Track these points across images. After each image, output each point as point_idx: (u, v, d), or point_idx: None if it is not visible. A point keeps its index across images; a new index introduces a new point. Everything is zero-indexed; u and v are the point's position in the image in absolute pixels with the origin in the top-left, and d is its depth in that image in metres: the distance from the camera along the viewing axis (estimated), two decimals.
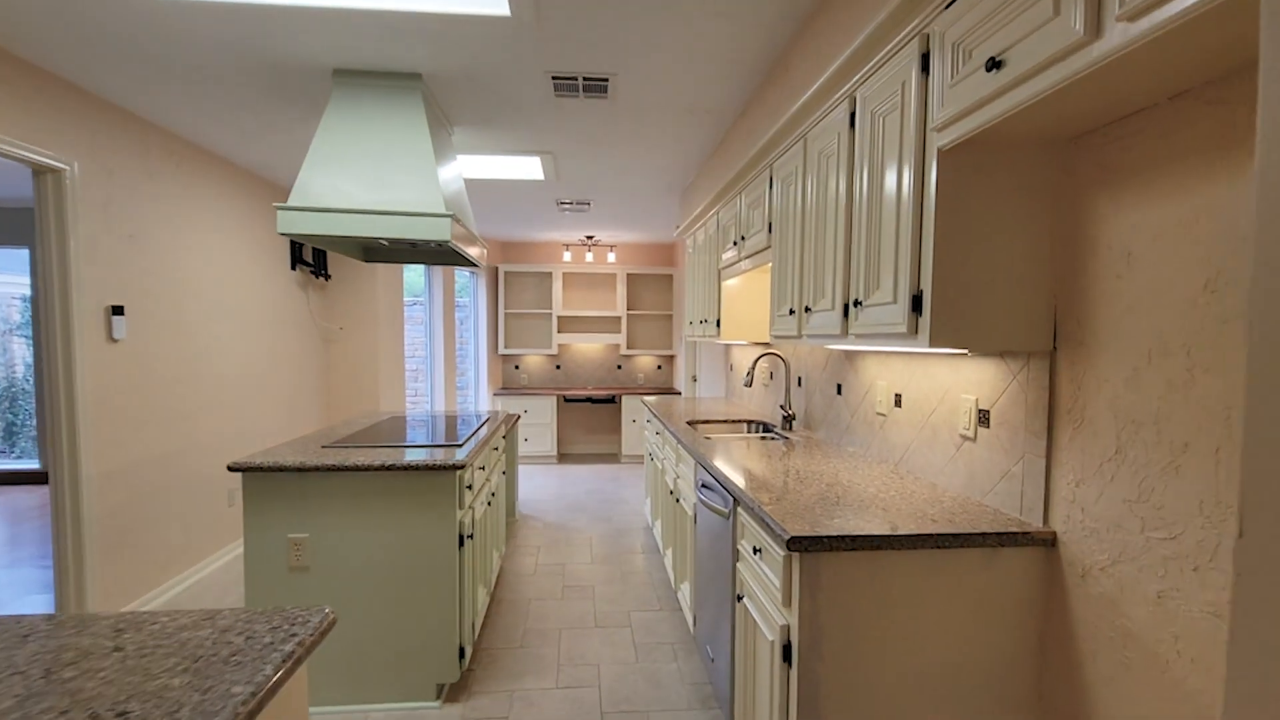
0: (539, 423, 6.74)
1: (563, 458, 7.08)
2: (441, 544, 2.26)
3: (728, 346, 4.68)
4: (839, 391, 2.64)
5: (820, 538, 1.42)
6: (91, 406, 2.74)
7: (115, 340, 2.87)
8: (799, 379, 3.12)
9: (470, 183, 4.27)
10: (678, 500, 3.01)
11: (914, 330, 1.47)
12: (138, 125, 3.00)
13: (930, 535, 1.44)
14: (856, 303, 1.75)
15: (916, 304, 1.46)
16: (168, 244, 3.23)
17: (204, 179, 3.54)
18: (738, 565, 1.93)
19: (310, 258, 4.75)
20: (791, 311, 2.28)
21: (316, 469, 2.17)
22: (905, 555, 1.45)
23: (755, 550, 1.72)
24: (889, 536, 1.43)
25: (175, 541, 3.28)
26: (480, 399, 6.90)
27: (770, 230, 2.57)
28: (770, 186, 2.57)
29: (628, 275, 7.17)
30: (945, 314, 1.42)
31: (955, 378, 1.83)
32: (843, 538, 1.42)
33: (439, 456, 2.29)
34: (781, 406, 3.02)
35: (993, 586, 1.48)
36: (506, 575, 3.58)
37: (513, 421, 4.40)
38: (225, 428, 3.71)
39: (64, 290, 2.62)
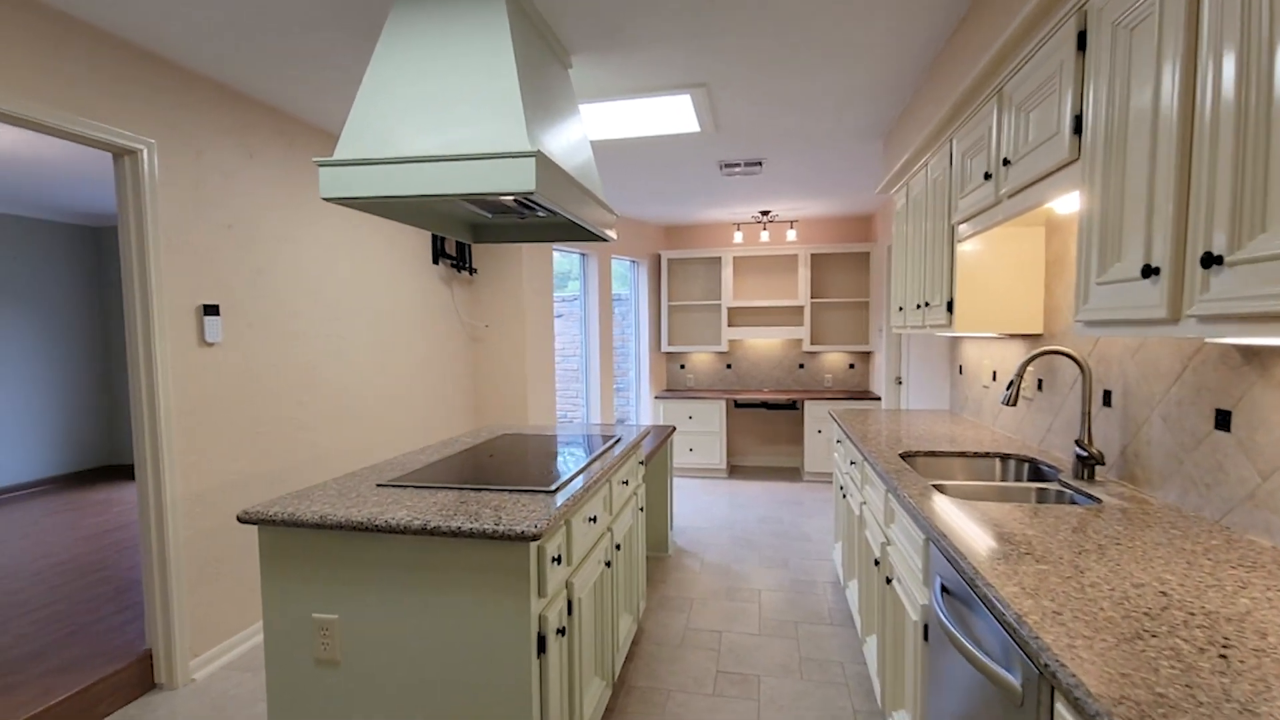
0: (706, 430, 5.87)
1: (733, 471, 6.13)
2: (509, 648, 1.48)
3: (955, 341, 3.39)
4: (1222, 425, 1.39)
5: None
6: (179, 418, 2.42)
7: (209, 344, 2.55)
8: (1105, 394, 1.86)
9: (608, 147, 3.52)
10: (889, 581, 1.94)
11: None
12: (234, 100, 2.66)
13: None
14: None
15: None
16: (275, 235, 2.88)
17: None
18: None
19: (453, 250, 4.37)
20: (1151, 271, 1.12)
21: (339, 526, 1.51)
22: None
23: None
24: None
25: None
26: (641, 402, 6.22)
27: (1080, 133, 1.40)
28: (1082, 51, 1.40)
29: (811, 256, 5.99)
30: None
31: None
32: None
33: (507, 517, 1.50)
34: (1078, 443, 1.80)
35: None
36: (644, 643, 2.76)
37: (664, 437, 3.57)
38: (349, 444, 3.36)
39: (144, 285, 2.31)
